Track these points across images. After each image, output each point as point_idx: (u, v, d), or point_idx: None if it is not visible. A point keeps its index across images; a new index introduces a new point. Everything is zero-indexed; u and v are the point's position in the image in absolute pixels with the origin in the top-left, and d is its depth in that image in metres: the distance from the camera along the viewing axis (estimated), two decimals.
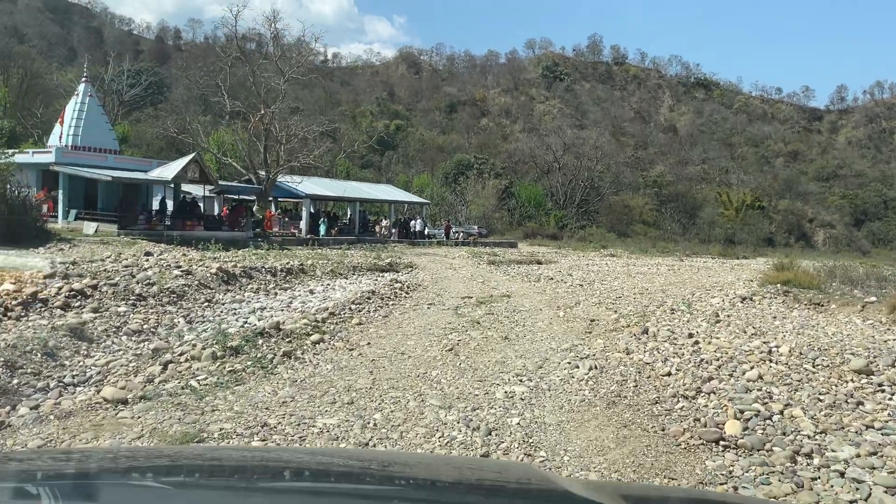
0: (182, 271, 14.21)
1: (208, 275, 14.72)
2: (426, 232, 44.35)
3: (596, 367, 7.68)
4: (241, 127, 32.53)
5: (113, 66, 47.05)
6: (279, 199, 42.01)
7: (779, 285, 18.93)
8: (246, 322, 11.75)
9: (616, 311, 12.47)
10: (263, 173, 32.11)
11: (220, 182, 33.20)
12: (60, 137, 31.27)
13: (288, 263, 18.61)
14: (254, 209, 32.92)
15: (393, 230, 41.03)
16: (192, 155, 28.88)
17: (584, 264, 33.34)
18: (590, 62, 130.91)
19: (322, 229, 36.75)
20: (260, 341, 8.33)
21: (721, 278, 26.62)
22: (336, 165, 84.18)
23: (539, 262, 32.35)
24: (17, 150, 31.76)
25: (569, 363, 7.95)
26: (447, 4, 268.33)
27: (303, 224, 36.88)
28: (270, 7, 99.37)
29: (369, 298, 13.16)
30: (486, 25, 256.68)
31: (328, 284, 17.94)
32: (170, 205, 37.00)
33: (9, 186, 22.36)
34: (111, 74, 46.32)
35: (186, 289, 13.16)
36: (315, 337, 8.78)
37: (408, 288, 15.76)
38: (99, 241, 25.06)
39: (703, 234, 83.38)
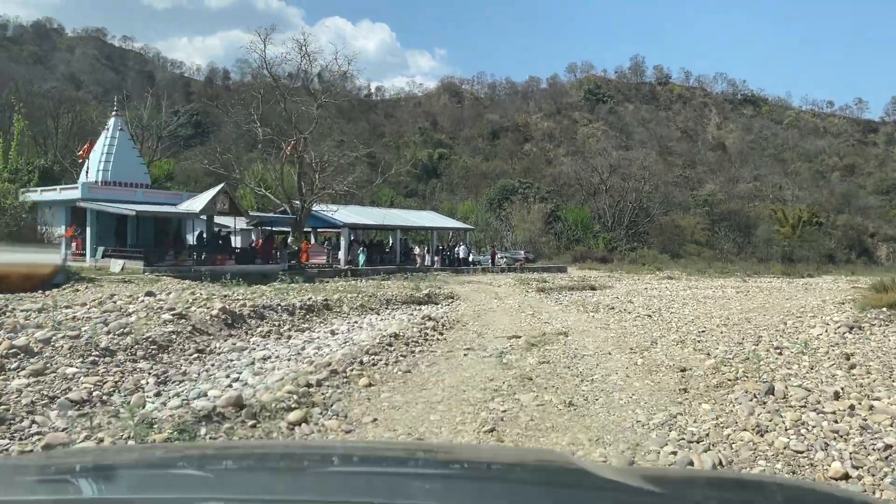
0: (174, 315, 11.73)
1: (207, 318, 12.22)
2: (471, 259, 41.61)
3: (721, 463, 4.79)
4: (274, 156, 30.49)
5: (151, 102, 45.98)
6: (318, 230, 39.88)
7: (884, 309, 15.67)
8: (238, 378, 9.16)
9: (708, 354, 9.50)
10: (298, 203, 29.92)
11: (253, 213, 31.17)
12: (88, 173, 29.68)
13: (310, 299, 16.04)
14: (289, 240, 30.72)
15: (436, 258, 38.42)
16: (221, 186, 26.87)
17: (642, 289, 30.11)
18: (633, 83, 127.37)
19: (361, 259, 34.35)
20: (203, 430, 5.61)
21: (802, 301, 23.17)
22: (379, 195, 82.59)
23: (593, 288, 29.25)
24: (45, 189, 30.30)
25: (673, 453, 5.07)
26: (486, 34, 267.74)
27: (341, 254, 34.54)
28: (302, 32, 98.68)
29: (390, 345, 10.33)
30: (527, 52, 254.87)
31: (354, 322, 15.31)
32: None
33: (22, 224, 20.41)
34: (148, 111, 45.20)
35: (174, 337, 10.65)
36: (296, 415, 5.98)
37: (442, 326, 12.95)
38: (121, 280, 23.01)
39: (760, 252, 78.81)
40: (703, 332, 12.33)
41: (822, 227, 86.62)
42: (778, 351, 9.95)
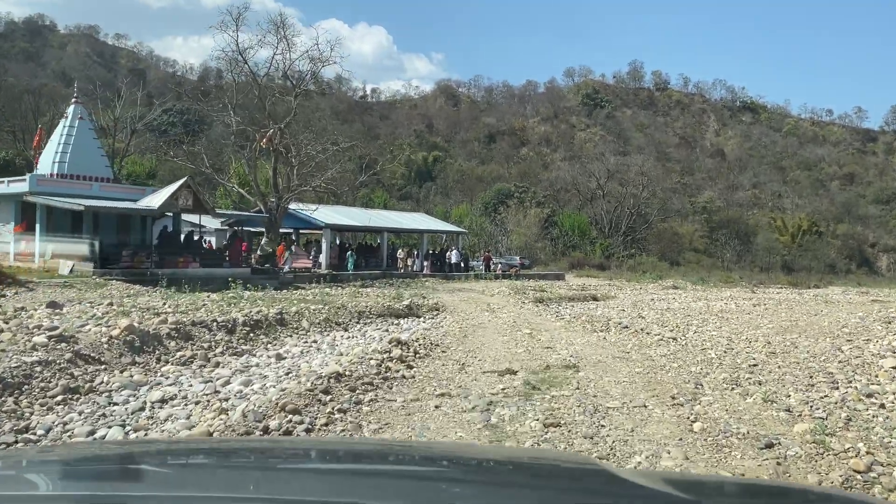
0: (51, 337, 8.66)
1: (104, 340, 9.16)
2: (463, 264, 38.58)
3: None
4: (249, 149, 27.44)
5: (125, 94, 42.80)
6: (301, 231, 36.82)
7: None
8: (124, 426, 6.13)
9: (788, 410, 6.49)
10: (273, 201, 26.85)
11: (226, 212, 28.13)
12: (42, 165, 26.60)
13: (259, 312, 12.96)
14: (262, 242, 27.66)
15: (425, 262, 35.35)
16: (184, 180, 23.80)
17: (649, 300, 27.12)
18: (631, 88, 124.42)
19: (350, 263, 31.27)
20: None
21: (833, 317, 20.20)
22: (372, 197, 79.43)
23: (595, 298, 26.25)
24: None
25: None
26: (484, 38, 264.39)
27: (322, 257, 31.47)
28: (279, 12, 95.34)
29: (327, 393, 6.98)
30: (524, 56, 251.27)
31: (313, 342, 12.26)
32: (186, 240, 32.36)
33: None
34: (122, 103, 42.03)
35: (38, 370, 7.59)
36: None
37: (415, 354, 9.84)
38: (61, 285, 19.91)
39: (760, 261, 76.18)
40: (755, 365, 9.30)
41: (821, 236, 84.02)
42: (877, 403, 6.95)
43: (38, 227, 24.87)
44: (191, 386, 8.54)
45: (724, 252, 73.65)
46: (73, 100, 28.40)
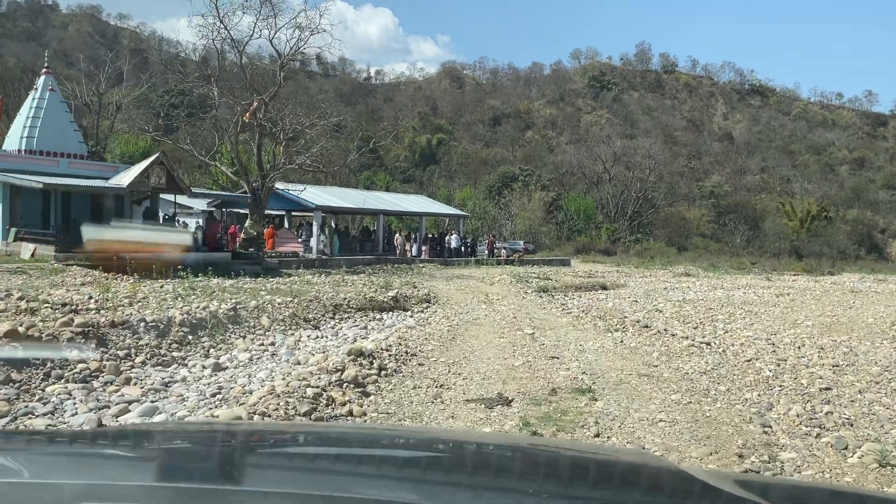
0: None
1: None
2: (465, 249, 36.22)
3: None
4: (232, 124, 25.04)
5: (110, 69, 40.30)
6: (293, 213, 34.52)
7: None
8: None
9: None
10: (258, 180, 24.46)
11: (197, 191, 25.75)
12: (9, 139, 24.29)
13: (205, 308, 10.65)
14: (246, 224, 25.32)
15: (423, 247, 32.97)
16: (155, 156, 21.47)
17: (662, 289, 24.76)
18: (638, 71, 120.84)
19: (336, 247, 28.98)
20: None
21: (873, 310, 17.84)
22: (375, 180, 76.90)
23: (604, 287, 23.89)
24: None
25: None
26: (490, 20, 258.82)
27: (313, 241, 29.12)
28: None
29: None
30: (530, 38, 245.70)
31: (270, 345, 9.96)
32: (182, 222, 30.08)
33: None
34: (107, 77, 39.55)
35: None
36: None
37: (381, 371, 7.46)
38: (13, 271, 17.68)
39: (769, 246, 73.69)
40: (827, 389, 6.95)
41: (831, 221, 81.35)
42: None
43: (0, 207, 22.62)
44: (74, 415, 6.26)
45: (734, 237, 71.09)
46: (44, 70, 25.99)
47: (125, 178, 21.02)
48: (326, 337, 11.39)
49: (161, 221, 25.90)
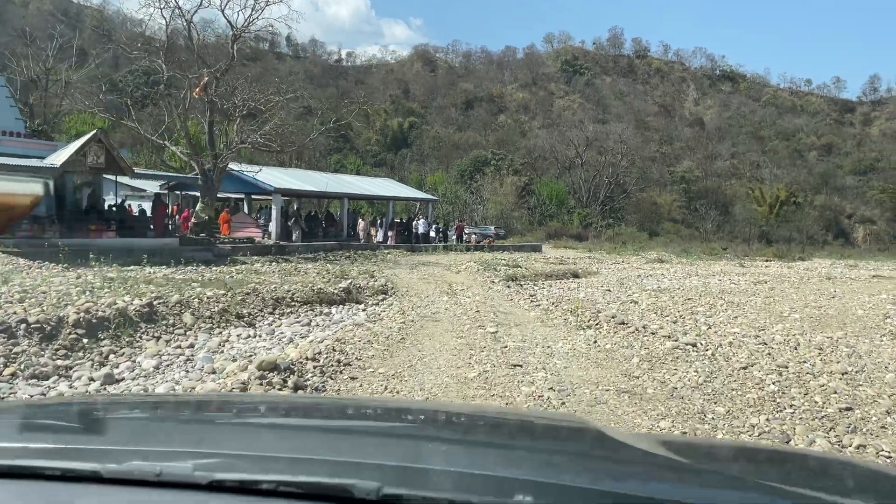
0: None
1: None
2: (436, 235, 34.75)
3: None
4: (180, 100, 23.16)
5: (55, 44, 37.88)
6: (254, 197, 32.64)
7: None
8: None
9: None
10: (210, 161, 22.64)
11: (140, 171, 23.82)
12: None
13: (113, 305, 9.03)
14: (197, 208, 23.51)
15: (389, 233, 31.38)
16: (92, 133, 19.57)
17: (635, 276, 23.54)
18: (611, 55, 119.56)
19: (295, 233, 27.31)
20: None
21: (851, 299, 16.78)
22: (345, 163, 74.77)
23: (576, 276, 22.56)
24: None
25: None
26: (463, 3, 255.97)
27: (272, 226, 27.37)
28: None
29: None
30: (503, 22, 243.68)
31: (188, 348, 8.39)
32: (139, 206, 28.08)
33: None
34: (54, 53, 37.18)
35: None
36: None
37: (296, 390, 5.95)
38: None
39: (739, 231, 73.45)
40: (847, 409, 5.62)
41: (799, 207, 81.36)
42: None
43: None
44: None
45: (705, 223, 70.55)
46: None
47: (59, 157, 19.10)
48: (260, 336, 9.85)
49: (106, 206, 24.07)
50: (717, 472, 1.35)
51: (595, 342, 9.02)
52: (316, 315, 11.81)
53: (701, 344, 8.70)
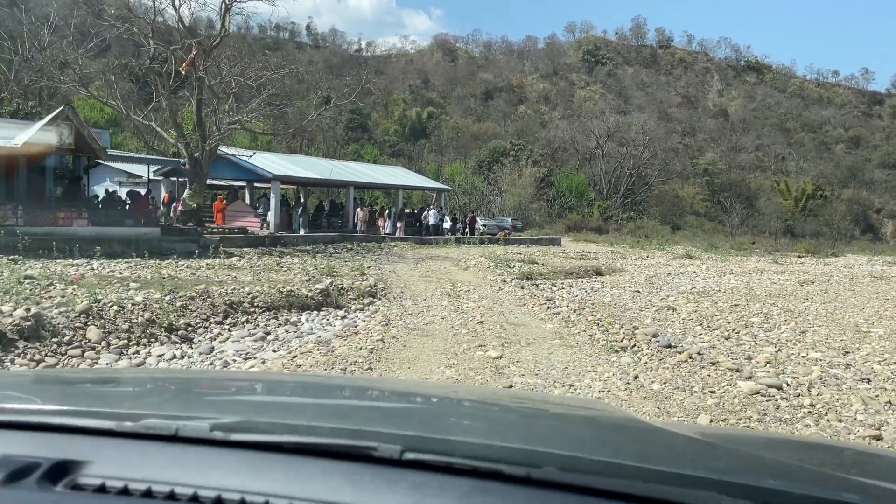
0: None
1: None
2: (446, 226, 32.20)
3: None
4: (164, 73, 20.81)
5: (52, 22, 35.65)
6: (256, 185, 30.25)
7: None
8: None
9: None
10: (196, 142, 20.27)
11: (114, 153, 21.54)
12: None
13: (29, 310, 6.56)
14: (184, 195, 21.15)
15: (398, 224, 28.83)
16: (59, 110, 17.28)
17: (665, 274, 20.80)
18: (633, 46, 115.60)
19: (297, 223, 24.93)
20: None
21: None
22: (362, 153, 72.28)
23: (599, 273, 19.87)
24: None
25: None
26: None
27: (270, 216, 24.93)
28: None
29: None
30: (525, 11, 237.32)
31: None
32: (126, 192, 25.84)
33: None
34: (48, 33, 34.96)
35: None
36: None
37: None
38: None
39: (764, 225, 70.00)
40: None
41: (826, 200, 77.63)
42: None
43: None
44: None
45: (731, 216, 67.17)
46: None
47: (21, 137, 16.77)
48: (191, 357, 7.36)
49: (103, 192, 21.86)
50: (762, 457, 1.18)
51: (636, 377, 6.39)
52: (279, 325, 9.31)
53: (788, 385, 6.03)
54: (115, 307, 7.89)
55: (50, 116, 17.15)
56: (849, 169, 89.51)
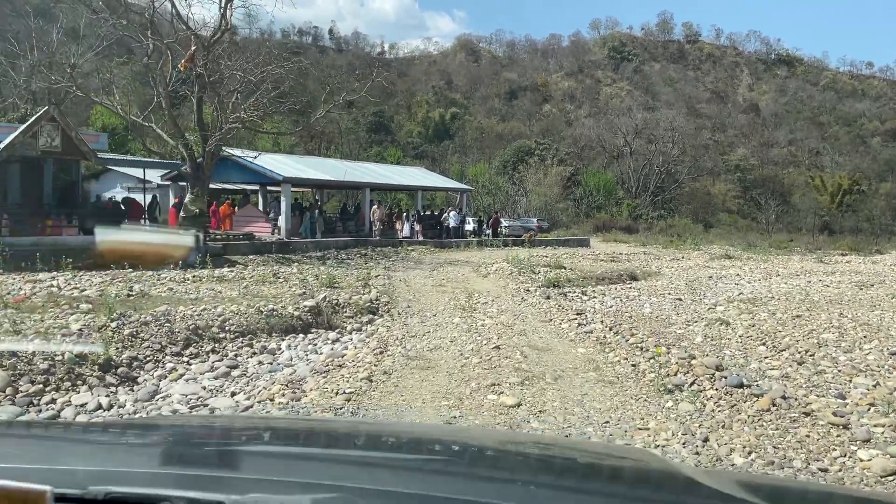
0: None
1: None
2: (468, 228, 30.42)
3: None
4: (159, 68, 19.44)
5: (64, 24, 34.68)
6: (269, 188, 28.75)
7: None
8: None
9: None
10: (196, 143, 18.86)
11: (104, 156, 20.16)
12: None
13: None
14: (186, 199, 19.72)
15: (417, 226, 27.11)
16: (43, 111, 15.94)
17: (705, 277, 18.73)
18: (660, 41, 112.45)
19: (304, 227, 23.36)
20: None
21: None
22: (385, 155, 70.81)
23: (633, 277, 17.89)
24: None
25: None
26: None
27: (281, 220, 23.37)
28: None
29: None
30: (548, 10, 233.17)
31: None
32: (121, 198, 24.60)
33: None
34: (57, 35, 33.97)
35: None
36: None
37: None
38: None
39: (799, 222, 66.93)
40: None
41: (864, 195, 74.13)
42: None
43: None
44: None
45: (764, 213, 64.30)
46: None
47: (5, 140, 15.41)
48: (122, 405, 5.69)
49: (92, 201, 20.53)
50: None
51: (705, 440, 4.54)
52: (253, 354, 7.61)
53: None
54: (37, 339, 6.27)
55: (33, 118, 15.77)
56: (886, 162, 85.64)
